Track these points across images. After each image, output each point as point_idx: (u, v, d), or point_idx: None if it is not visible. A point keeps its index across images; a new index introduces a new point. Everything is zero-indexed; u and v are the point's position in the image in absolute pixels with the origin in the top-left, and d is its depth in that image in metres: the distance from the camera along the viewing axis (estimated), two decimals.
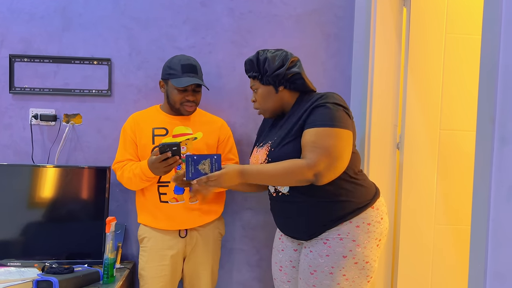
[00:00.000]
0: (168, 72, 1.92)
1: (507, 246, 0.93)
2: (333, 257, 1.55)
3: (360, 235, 1.55)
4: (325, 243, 1.56)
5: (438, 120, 1.94)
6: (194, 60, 1.95)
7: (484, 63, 1.01)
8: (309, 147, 1.49)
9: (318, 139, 1.48)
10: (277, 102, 1.66)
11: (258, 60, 1.65)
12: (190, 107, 1.92)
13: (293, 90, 1.66)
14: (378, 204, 1.61)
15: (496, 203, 0.95)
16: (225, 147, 2.03)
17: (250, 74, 1.69)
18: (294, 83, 1.64)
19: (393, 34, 1.98)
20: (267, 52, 1.65)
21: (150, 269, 1.92)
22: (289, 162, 1.51)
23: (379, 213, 1.59)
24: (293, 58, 1.64)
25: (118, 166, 1.95)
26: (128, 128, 1.97)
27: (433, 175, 1.94)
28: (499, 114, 0.94)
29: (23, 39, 2.15)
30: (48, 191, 2.02)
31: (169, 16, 2.18)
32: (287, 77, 1.62)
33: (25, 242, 1.98)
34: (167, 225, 1.92)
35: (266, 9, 2.20)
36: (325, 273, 1.55)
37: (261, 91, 1.66)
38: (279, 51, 1.66)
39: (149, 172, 1.79)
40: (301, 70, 1.64)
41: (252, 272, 2.26)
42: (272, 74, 1.62)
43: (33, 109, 2.15)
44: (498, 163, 0.94)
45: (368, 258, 1.56)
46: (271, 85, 1.65)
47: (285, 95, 1.66)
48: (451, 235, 1.95)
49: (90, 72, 2.17)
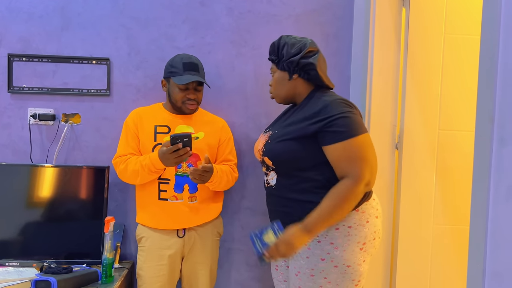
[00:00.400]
0: (170, 70, 1.92)
1: (505, 246, 0.93)
2: (312, 259, 1.53)
3: (339, 238, 1.52)
4: (305, 245, 1.54)
5: (437, 120, 1.94)
6: (196, 59, 1.95)
7: (483, 63, 1.01)
8: (345, 163, 1.49)
9: (351, 153, 1.49)
10: (289, 89, 1.65)
11: (279, 44, 1.64)
12: (192, 105, 1.92)
13: (307, 80, 1.64)
14: (365, 207, 1.56)
15: (494, 203, 0.95)
16: (225, 148, 2.03)
17: (270, 57, 1.69)
18: (308, 74, 1.61)
19: (392, 34, 1.98)
20: (290, 37, 1.64)
21: (148, 268, 1.92)
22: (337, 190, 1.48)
23: (364, 216, 1.55)
24: (311, 48, 1.61)
25: (121, 160, 1.92)
26: (131, 122, 1.96)
27: (432, 175, 1.94)
28: (498, 115, 0.94)
29: (22, 38, 2.14)
30: (47, 191, 2.01)
31: (168, 15, 2.18)
32: (300, 65, 1.60)
33: (24, 242, 1.98)
34: (165, 223, 1.92)
35: (265, 9, 2.20)
36: (307, 275, 1.54)
37: (277, 76, 1.67)
38: (303, 38, 1.65)
39: (160, 163, 1.78)
40: (316, 62, 1.60)
41: (251, 272, 2.26)
42: (287, 60, 1.61)
43: (31, 108, 2.15)
44: (497, 163, 0.94)
45: (349, 261, 1.52)
46: (286, 71, 1.64)
47: (298, 84, 1.64)
48: (450, 235, 1.95)
49: (89, 71, 2.16)
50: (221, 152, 2.02)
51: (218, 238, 2.06)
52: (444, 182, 1.94)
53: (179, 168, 1.90)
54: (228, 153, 2.04)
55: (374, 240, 1.58)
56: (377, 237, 1.59)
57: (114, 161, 1.95)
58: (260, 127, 2.22)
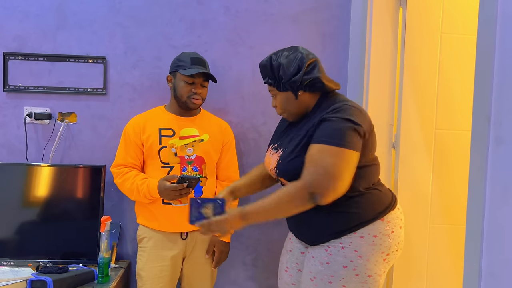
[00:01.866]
0: (177, 64, 1.92)
1: (502, 246, 0.93)
2: (333, 266, 1.48)
3: (363, 246, 1.46)
4: (326, 250, 1.50)
5: (434, 119, 1.94)
6: (202, 57, 1.97)
7: (479, 62, 1.01)
8: (309, 163, 1.41)
9: (319, 157, 1.40)
10: (299, 107, 1.55)
11: (272, 66, 1.52)
12: (197, 100, 1.92)
13: (313, 92, 1.53)
14: (390, 217, 1.51)
15: (491, 202, 0.95)
16: (228, 150, 2.03)
17: (266, 80, 1.58)
18: (313, 86, 1.51)
19: (389, 34, 1.98)
20: (280, 56, 1.51)
21: (150, 269, 1.91)
22: (284, 189, 1.44)
23: (390, 226, 1.50)
24: (310, 61, 1.50)
25: (119, 172, 1.93)
26: (131, 132, 1.94)
27: (428, 175, 1.94)
28: (495, 114, 0.94)
29: (18, 37, 2.13)
30: (43, 190, 2.00)
31: (164, 14, 2.17)
32: (304, 82, 1.49)
33: (19, 241, 1.97)
34: (168, 227, 1.91)
35: (262, 7, 2.20)
36: (324, 281, 1.49)
37: (280, 97, 1.55)
38: (293, 53, 1.51)
39: (156, 194, 1.80)
40: (320, 73, 1.51)
41: (248, 271, 2.25)
42: (289, 81, 1.50)
43: (27, 107, 2.14)
44: (494, 162, 0.94)
45: (371, 271, 1.47)
46: (290, 91, 1.52)
47: (306, 98, 1.54)
48: (446, 234, 1.96)
49: (85, 70, 2.15)
50: (224, 154, 2.02)
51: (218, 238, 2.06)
52: (441, 181, 1.95)
53: (184, 172, 1.90)
54: (231, 157, 2.04)
55: (397, 251, 1.53)
56: (400, 249, 1.53)
57: (112, 170, 1.96)
58: (257, 126, 2.22)
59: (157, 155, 1.90)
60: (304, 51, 1.53)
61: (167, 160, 1.89)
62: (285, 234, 1.79)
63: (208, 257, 1.97)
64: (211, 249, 1.97)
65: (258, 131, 2.22)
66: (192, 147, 1.92)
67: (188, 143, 1.92)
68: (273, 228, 2.22)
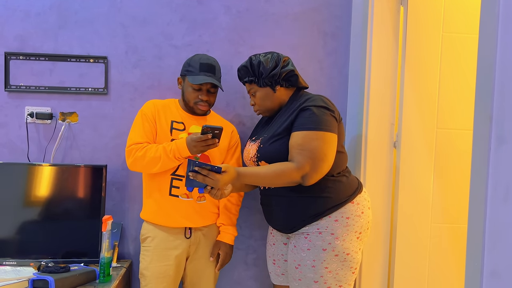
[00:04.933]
0: (186, 68, 1.91)
1: (503, 245, 0.93)
2: (313, 251, 1.62)
3: (339, 229, 1.63)
4: (306, 238, 1.65)
5: (435, 119, 1.94)
6: (214, 61, 1.93)
7: (481, 62, 1.01)
8: (296, 149, 1.58)
9: (304, 142, 1.57)
10: (275, 101, 1.75)
11: (252, 64, 1.74)
12: (204, 106, 1.91)
13: (288, 87, 1.75)
14: (359, 199, 1.69)
15: (492, 202, 0.95)
16: (233, 154, 2.03)
17: (246, 79, 1.78)
18: (289, 81, 1.73)
19: (390, 33, 1.98)
20: (258, 56, 1.74)
21: (154, 269, 1.90)
22: (280, 165, 1.59)
23: (360, 208, 1.67)
24: (285, 58, 1.74)
25: (137, 147, 1.86)
26: (148, 112, 1.93)
27: (430, 174, 1.94)
28: (496, 113, 0.94)
29: (19, 36, 2.13)
30: (44, 189, 2.01)
31: (165, 14, 2.17)
32: (282, 76, 1.71)
33: (21, 241, 1.97)
34: (173, 220, 1.90)
35: (263, 7, 2.20)
36: (308, 266, 1.63)
37: (260, 93, 1.75)
38: (269, 53, 1.75)
39: (186, 150, 1.78)
40: (294, 67, 1.74)
41: (249, 270, 2.26)
42: (268, 75, 1.71)
43: (28, 107, 2.14)
44: (495, 162, 0.94)
45: (348, 250, 1.63)
46: (268, 86, 1.74)
47: (282, 93, 1.75)
48: (448, 233, 1.96)
49: (86, 70, 2.16)
50: (229, 157, 2.03)
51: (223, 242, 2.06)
52: (442, 180, 1.95)
53: None
54: (235, 161, 2.03)
55: (368, 230, 1.72)
56: (369, 227, 1.73)
57: (129, 148, 1.87)
58: None
59: None
60: (278, 52, 1.77)
61: None
62: None
63: (213, 260, 1.97)
64: (215, 251, 1.97)
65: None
66: None
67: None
68: None
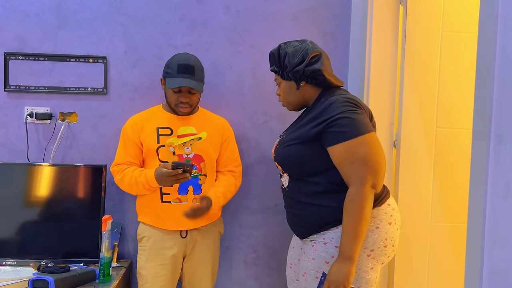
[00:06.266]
0: (165, 70, 1.91)
1: (503, 244, 0.93)
2: (317, 261, 1.52)
3: None
4: (312, 246, 1.54)
5: (435, 118, 1.94)
6: (193, 60, 1.90)
7: (480, 61, 1.01)
8: (346, 165, 1.45)
9: (351, 154, 1.44)
10: (299, 97, 1.62)
11: (279, 54, 1.60)
12: (184, 108, 1.90)
13: (315, 85, 1.60)
14: (377, 212, 1.51)
15: (492, 201, 0.95)
16: (227, 147, 2.03)
17: (272, 68, 1.66)
18: (315, 79, 1.58)
19: (389, 32, 1.98)
20: (288, 45, 1.59)
21: (150, 268, 1.91)
22: (348, 204, 1.44)
23: (374, 222, 1.50)
24: (314, 53, 1.56)
25: (118, 169, 1.93)
26: (129, 130, 1.94)
27: (429, 173, 1.94)
28: (496, 112, 0.94)
29: (18, 36, 2.13)
30: (44, 189, 2.01)
31: (165, 13, 2.17)
32: (306, 73, 1.56)
33: (21, 241, 1.97)
34: (169, 225, 1.91)
35: (262, 6, 2.20)
36: (312, 276, 1.53)
37: (283, 86, 1.63)
38: (301, 43, 1.59)
39: (155, 182, 1.80)
40: (322, 66, 1.56)
41: (249, 270, 2.26)
42: (292, 70, 1.57)
43: (28, 107, 2.14)
44: (494, 161, 0.94)
45: None
46: (293, 80, 1.60)
47: (307, 90, 1.61)
48: (448, 233, 1.96)
49: (85, 70, 2.15)
50: (223, 151, 2.02)
51: (219, 237, 2.07)
52: (442, 180, 1.95)
53: None
54: (231, 152, 2.03)
55: (386, 248, 1.52)
56: (389, 245, 1.53)
57: (112, 169, 1.96)
58: (257, 125, 2.22)
59: (156, 154, 1.90)
60: (311, 44, 1.60)
61: (165, 159, 1.89)
62: (286, 233, 1.79)
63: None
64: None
65: (259, 130, 2.22)
66: (190, 145, 1.92)
67: (185, 142, 1.92)
68: (274, 227, 2.22)
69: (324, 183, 1.52)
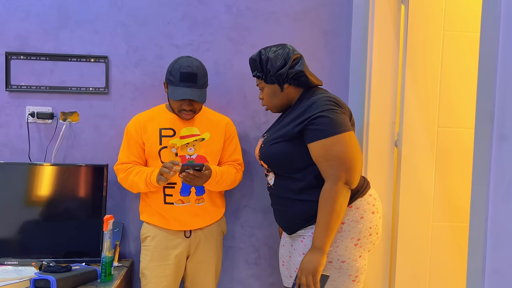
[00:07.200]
0: (168, 77, 1.88)
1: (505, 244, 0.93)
2: None
3: None
4: (302, 241, 1.60)
5: (436, 117, 1.93)
6: (196, 66, 1.86)
7: (482, 60, 1.00)
8: (323, 162, 1.52)
9: (327, 151, 1.51)
10: (283, 99, 1.69)
11: (260, 60, 1.67)
12: (187, 115, 1.89)
13: (297, 86, 1.68)
14: (360, 203, 1.59)
15: (494, 200, 0.95)
16: (229, 144, 2.02)
17: (255, 74, 1.72)
18: (298, 80, 1.65)
19: (391, 32, 1.97)
20: (269, 51, 1.66)
21: (154, 268, 1.91)
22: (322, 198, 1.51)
23: (359, 212, 1.58)
24: (295, 56, 1.64)
25: (122, 168, 1.93)
26: (132, 130, 1.94)
27: (431, 173, 1.94)
28: (498, 112, 0.94)
29: (19, 36, 2.13)
30: (45, 189, 2.01)
31: (166, 13, 2.17)
32: (290, 75, 1.64)
33: (23, 240, 1.98)
34: (174, 225, 1.92)
35: (264, 6, 2.19)
36: None
37: (267, 90, 1.69)
38: (281, 48, 1.66)
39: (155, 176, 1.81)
40: (304, 68, 1.65)
41: (250, 269, 2.26)
42: (275, 74, 1.64)
43: (29, 107, 2.14)
44: (497, 160, 0.94)
45: (343, 257, 1.56)
46: (276, 84, 1.67)
47: (290, 92, 1.68)
48: (449, 232, 1.95)
49: (87, 69, 2.15)
50: (226, 149, 2.02)
51: (221, 236, 2.07)
52: (444, 179, 1.94)
53: None
54: (233, 150, 2.03)
55: (371, 236, 1.60)
56: (373, 233, 1.61)
57: (116, 167, 1.96)
58: (259, 125, 2.22)
59: (158, 155, 1.90)
60: (290, 47, 1.67)
61: (168, 160, 1.88)
62: None
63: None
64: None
65: (260, 130, 2.21)
66: (193, 146, 1.92)
67: (188, 143, 1.92)
68: (275, 227, 2.22)
69: (308, 178, 1.58)
